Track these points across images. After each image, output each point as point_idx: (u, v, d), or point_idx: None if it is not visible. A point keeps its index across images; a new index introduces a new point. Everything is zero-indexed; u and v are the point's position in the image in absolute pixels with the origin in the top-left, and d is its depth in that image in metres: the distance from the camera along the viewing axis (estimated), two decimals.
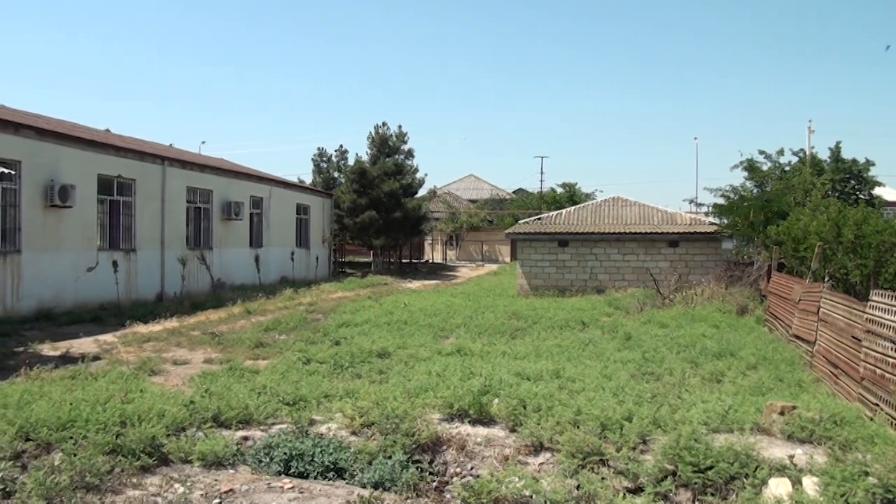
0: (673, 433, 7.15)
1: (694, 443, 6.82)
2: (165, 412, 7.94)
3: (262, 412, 8.50)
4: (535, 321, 18.15)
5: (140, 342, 16.18)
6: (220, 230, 31.17)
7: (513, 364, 11.53)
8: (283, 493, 6.47)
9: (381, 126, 48.10)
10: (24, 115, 23.69)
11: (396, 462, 7.10)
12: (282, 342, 15.86)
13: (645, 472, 6.67)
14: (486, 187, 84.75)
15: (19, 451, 6.95)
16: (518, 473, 6.65)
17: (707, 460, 6.59)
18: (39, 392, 8.99)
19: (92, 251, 23.17)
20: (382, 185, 44.41)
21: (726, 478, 6.49)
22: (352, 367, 12.22)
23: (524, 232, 30.10)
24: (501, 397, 8.63)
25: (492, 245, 68.01)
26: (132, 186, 25.39)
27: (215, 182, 31.11)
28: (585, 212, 32.17)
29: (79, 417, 7.55)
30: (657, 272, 27.10)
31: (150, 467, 6.92)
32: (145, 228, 25.89)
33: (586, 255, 29.07)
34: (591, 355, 12.99)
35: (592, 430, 7.38)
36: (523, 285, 29.33)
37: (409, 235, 48.93)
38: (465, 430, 7.99)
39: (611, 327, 16.91)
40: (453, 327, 17.37)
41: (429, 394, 9.03)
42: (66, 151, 22.09)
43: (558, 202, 66.04)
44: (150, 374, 12.28)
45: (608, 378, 10.51)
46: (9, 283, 19.69)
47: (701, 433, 7.18)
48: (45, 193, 20.95)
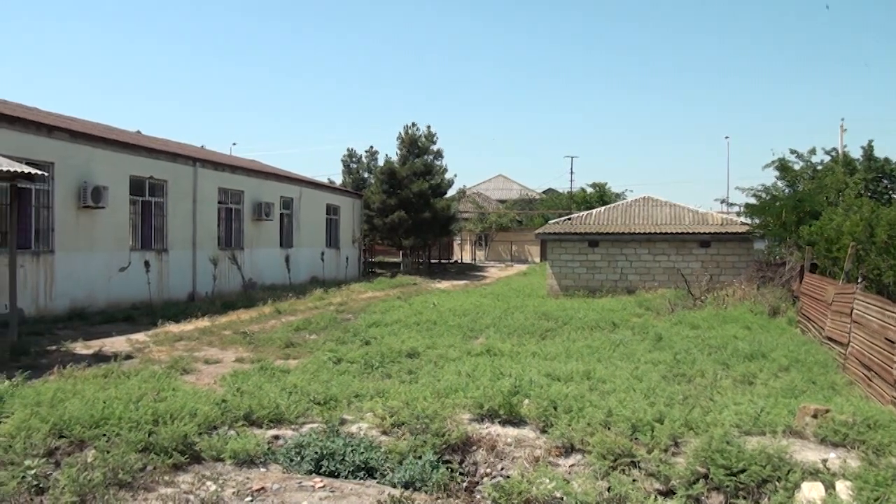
0: (705, 435, 7.08)
1: (726, 445, 6.77)
2: (197, 411, 8.00)
3: (293, 411, 8.53)
4: (565, 322, 18.10)
5: (172, 341, 16.33)
6: (251, 230, 31.37)
7: (543, 365, 11.47)
8: (314, 491, 6.50)
9: (410, 126, 48.17)
10: (56, 118, 23.97)
11: (427, 462, 7.11)
12: (312, 342, 15.95)
13: (676, 475, 6.63)
14: (516, 187, 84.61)
15: (53, 448, 7.02)
16: (549, 475, 6.63)
17: (739, 463, 6.54)
18: (73, 390, 9.07)
19: (124, 251, 23.41)
20: (412, 185, 44.48)
21: (758, 481, 6.44)
22: (382, 366, 12.25)
23: (554, 232, 30.02)
24: (532, 398, 8.60)
25: (521, 245, 67.83)
26: (164, 187, 25.63)
27: (246, 183, 31.32)
28: (616, 212, 32.01)
29: (112, 415, 7.62)
30: (688, 273, 26.94)
31: (182, 465, 6.98)
32: (177, 229, 26.12)
33: (616, 256, 28.95)
34: (621, 356, 12.93)
35: (623, 432, 7.33)
36: (553, 286, 29.26)
37: (438, 236, 48.96)
38: (495, 431, 7.97)
39: (641, 328, 16.82)
40: (483, 328, 17.36)
41: (459, 394, 9.02)
42: (98, 153, 22.33)
43: (588, 202, 65.67)
44: (182, 372, 12.41)
45: (639, 379, 10.45)
46: (42, 282, 19.94)
47: (733, 436, 7.12)
48: (77, 194, 21.20)
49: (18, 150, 18.35)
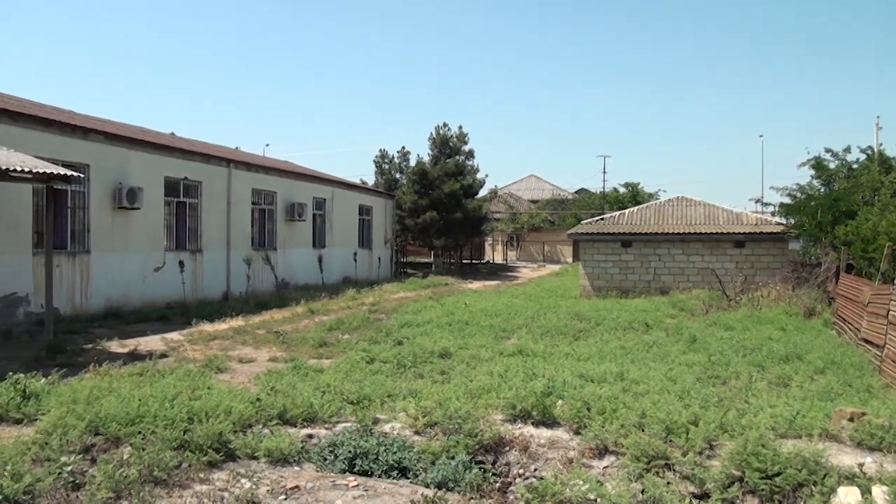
0: (740, 438, 7.01)
1: (761, 448, 6.69)
2: (232, 409, 8.05)
3: (327, 410, 8.56)
4: (598, 322, 18.02)
5: (206, 340, 16.46)
6: (284, 231, 31.55)
7: (576, 365, 11.43)
8: (347, 490, 6.51)
9: (441, 127, 48.17)
10: (92, 120, 24.26)
11: (460, 462, 7.11)
12: (345, 342, 16.00)
13: (711, 478, 6.57)
14: (548, 187, 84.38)
15: (89, 445, 7.08)
16: (582, 476, 6.60)
17: (775, 466, 6.46)
18: (108, 388, 9.16)
19: (159, 251, 23.65)
20: (443, 185, 44.49)
21: (794, 485, 6.36)
22: (414, 366, 12.25)
23: (586, 232, 29.91)
24: (565, 399, 8.57)
25: (553, 246, 67.64)
26: (198, 188, 25.86)
27: (279, 184, 31.50)
28: (649, 212, 31.81)
29: (147, 413, 7.68)
30: (722, 273, 26.73)
31: (217, 463, 7.03)
32: (211, 229, 26.35)
33: (650, 256, 28.78)
34: (655, 357, 12.86)
35: (658, 434, 7.28)
36: (586, 286, 29.14)
37: (469, 236, 48.94)
38: (528, 432, 7.95)
39: (675, 329, 16.71)
40: (515, 328, 17.33)
41: (491, 394, 9.01)
42: (133, 155, 22.56)
43: (621, 202, 65.36)
44: (217, 371, 12.51)
45: (673, 381, 10.38)
46: (78, 282, 20.19)
47: (768, 439, 7.05)
48: (113, 195, 21.44)
49: (54, 153, 18.62)
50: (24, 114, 18.82)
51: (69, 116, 22.66)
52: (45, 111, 21.54)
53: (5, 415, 8.33)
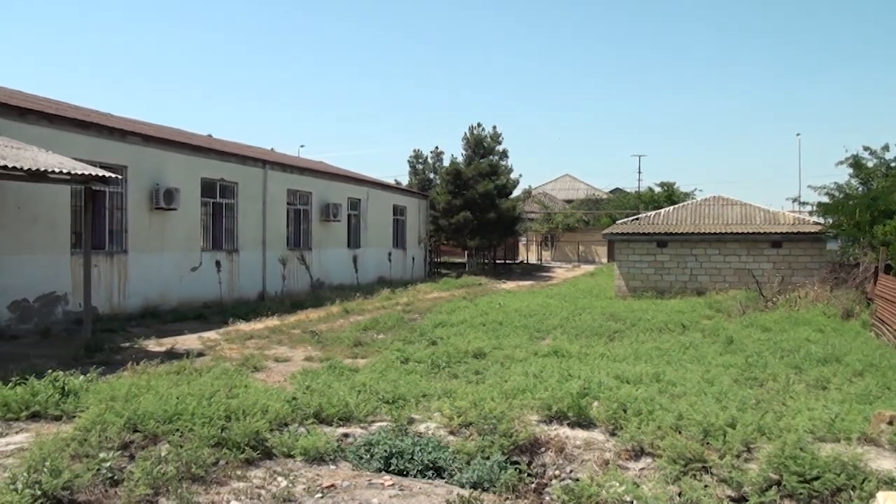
0: (778, 441, 6.93)
1: (799, 452, 6.61)
2: (269, 408, 8.09)
3: (362, 410, 8.58)
4: (634, 323, 17.90)
5: (242, 340, 16.57)
6: (318, 231, 31.72)
7: (611, 366, 11.35)
8: (383, 490, 6.52)
9: (475, 127, 48.15)
10: (129, 122, 24.58)
11: (495, 463, 7.09)
12: (380, 341, 16.04)
13: (749, 481, 6.50)
14: (582, 187, 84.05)
15: (127, 442, 7.14)
16: (618, 478, 6.56)
17: (813, 470, 6.37)
18: (146, 386, 9.23)
19: (196, 252, 23.87)
20: (477, 185, 44.46)
21: (833, 489, 6.26)
22: (448, 366, 12.25)
23: (622, 232, 29.72)
24: (601, 400, 8.52)
25: (588, 246, 67.35)
26: (234, 189, 26.06)
27: (314, 184, 31.68)
28: (685, 211, 31.55)
29: (185, 411, 7.73)
30: (759, 274, 26.46)
31: (254, 460, 7.06)
32: (247, 230, 26.55)
33: (686, 256, 28.54)
34: (691, 359, 12.74)
35: (695, 436, 7.21)
36: (621, 286, 28.97)
37: (503, 236, 48.86)
38: (563, 433, 7.91)
39: (712, 330, 16.56)
40: (550, 328, 17.27)
41: (526, 395, 8.98)
42: (170, 156, 22.80)
43: (656, 202, 64.89)
44: (253, 370, 12.58)
45: (710, 383, 10.28)
46: (116, 281, 20.42)
47: (806, 442, 6.95)
48: (150, 196, 21.67)
49: (92, 154, 18.88)
50: (62, 116, 19.09)
51: (106, 119, 22.96)
52: (82, 114, 21.84)
53: (44, 411, 8.43)
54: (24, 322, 17.32)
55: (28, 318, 17.47)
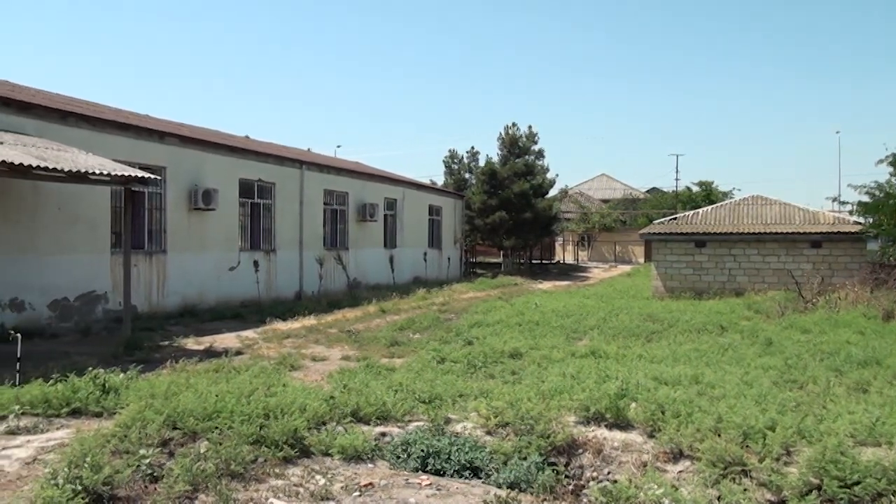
0: (818, 445, 6.84)
1: (840, 456, 6.51)
2: (307, 406, 8.13)
3: (399, 409, 8.61)
4: (672, 324, 17.75)
5: (280, 339, 16.66)
6: (355, 231, 31.87)
7: (649, 368, 11.27)
8: (421, 489, 6.54)
9: (511, 127, 48.10)
10: (168, 124, 24.87)
11: (532, 463, 7.08)
12: (416, 341, 16.06)
13: (789, 486, 6.42)
14: (619, 187, 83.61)
15: (167, 439, 7.21)
16: (657, 480, 6.52)
17: (854, 475, 6.28)
18: (185, 384, 9.30)
19: (234, 251, 24.08)
20: (513, 185, 44.40)
21: (873, 494, 6.17)
22: (485, 367, 12.23)
23: (659, 232, 29.49)
24: (639, 401, 8.47)
25: (625, 246, 66.99)
26: (272, 190, 26.27)
27: (351, 185, 31.85)
28: (723, 211, 31.23)
29: (224, 409, 7.79)
30: (799, 274, 26.11)
31: (292, 459, 7.10)
32: (285, 230, 26.74)
33: (724, 256, 28.25)
34: (730, 361, 12.60)
35: (734, 439, 7.13)
36: (658, 287, 28.76)
37: (539, 236, 48.74)
38: (601, 434, 7.88)
39: (750, 332, 16.36)
40: (586, 329, 17.18)
41: (563, 396, 8.94)
42: (208, 157, 23.04)
43: (694, 201, 64.28)
44: (291, 369, 12.64)
45: (749, 385, 10.15)
46: (155, 281, 20.66)
47: (847, 446, 6.84)
48: (188, 197, 21.91)
49: (132, 156, 19.12)
50: (102, 119, 19.38)
51: (145, 120, 23.25)
52: (121, 116, 22.13)
53: (85, 408, 8.54)
54: (64, 320, 17.56)
55: (68, 317, 17.72)
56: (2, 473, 6.57)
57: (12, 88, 19.58)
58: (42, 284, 17.11)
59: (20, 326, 14.50)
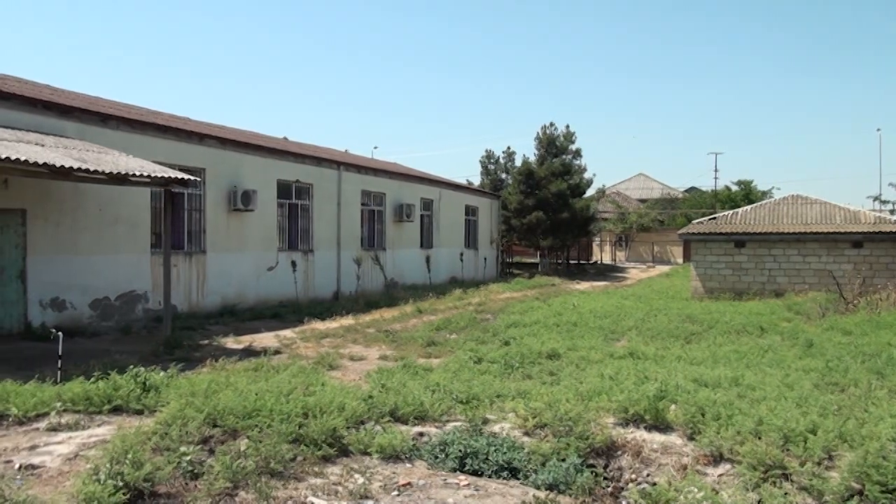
0: (860, 449, 6.75)
1: (882, 460, 6.42)
2: (345, 405, 8.16)
3: (437, 409, 8.64)
4: (711, 325, 17.62)
5: (318, 338, 16.77)
6: (392, 231, 31.97)
7: (689, 369, 11.17)
8: (459, 489, 6.55)
9: (548, 126, 48.02)
10: (207, 126, 25.11)
11: (571, 465, 7.06)
12: (453, 341, 16.07)
13: (830, 490, 6.33)
14: (657, 186, 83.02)
15: (207, 437, 7.27)
16: (697, 484, 6.46)
17: None
18: (225, 382, 9.37)
19: (272, 252, 24.25)
20: (550, 185, 44.28)
21: None
22: (522, 367, 12.21)
23: (698, 232, 29.24)
24: (678, 403, 8.41)
25: (663, 246, 66.53)
26: (310, 190, 26.44)
27: (388, 185, 31.96)
28: (763, 211, 30.89)
29: (263, 407, 7.84)
30: (840, 275, 25.79)
31: (330, 457, 7.14)
32: (322, 230, 26.89)
33: (764, 257, 27.95)
34: (770, 362, 12.46)
35: (775, 442, 7.05)
36: (697, 287, 28.52)
37: (576, 236, 48.56)
38: (640, 436, 7.84)
39: (791, 333, 16.20)
40: (625, 330, 17.10)
41: (602, 397, 8.90)
42: (247, 159, 23.24)
43: (733, 201, 63.63)
44: (329, 368, 12.71)
45: (790, 387, 10.02)
46: (195, 280, 20.87)
47: (889, 450, 6.74)
48: (228, 198, 22.12)
49: (172, 158, 19.37)
50: (142, 121, 19.64)
51: (184, 123, 23.51)
52: (162, 118, 22.40)
53: (126, 406, 8.62)
54: (105, 319, 17.82)
55: (109, 316, 17.97)
56: (44, 469, 6.66)
57: (53, 92, 19.90)
58: (83, 284, 17.37)
59: (62, 325, 14.79)
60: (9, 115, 15.96)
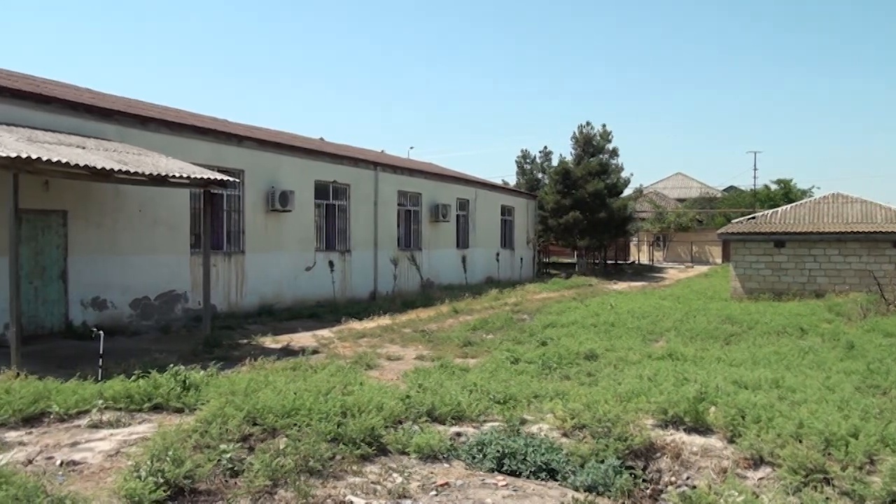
0: None
1: None
2: (383, 405, 8.20)
3: (474, 409, 8.64)
4: (751, 326, 17.42)
5: (355, 338, 16.85)
6: (428, 231, 32.05)
7: (728, 371, 11.07)
8: (497, 490, 6.55)
9: (584, 126, 47.74)
10: (245, 128, 25.36)
11: (610, 466, 7.03)
12: (489, 341, 16.07)
13: (871, 496, 6.25)
14: (695, 185, 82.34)
15: (246, 435, 7.33)
16: (737, 487, 6.40)
17: None
18: (264, 381, 9.43)
19: (310, 252, 24.42)
20: (586, 185, 44.05)
21: None
22: (559, 368, 12.18)
23: (737, 232, 28.92)
24: (718, 405, 8.34)
25: (701, 246, 65.99)
26: (347, 191, 26.60)
27: (424, 185, 32.05)
28: (803, 210, 30.51)
29: (302, 406, 7.89)
30: (881, 275, 25.37)
31: (369, 456, 7.17)
32: (359, 230, 27.05)
33: (804, 257, 27.58)
34: (811, 364, 12.31)
35: (816, 446, 6.98)
36: (737, 288, 28.23)
37: (614, 236, 48.27)
38: (679, 438, 7.79)
39: (831, 335, 15.97)
40: (663, 330, 16.97)
41: (641, 398, 8.84)
42: (284, 160, 23.45)
43: (772, 200, 63.00)
44: (366, 368, 12.77)
45: (831, 390, 9.89)
46: (233, 280, 21.07)
47: None
48: (266, 199, 22.33)
49: (211, 159, 19.60)
50: (181, 123, 19.91)
51: (224, 125, 23.74)
52: (201, 121, 22.67)
53: (167, 404, 8.74)
54: (145, 319, 18.05)
55: (149, 315, 18.20)
56: (85, 465, 6.77)
57: (93, 95, 20.22)
58: (123, 284, 17.62)
59: (102, 324, 15.00)
60: (51, 119, 16.23)
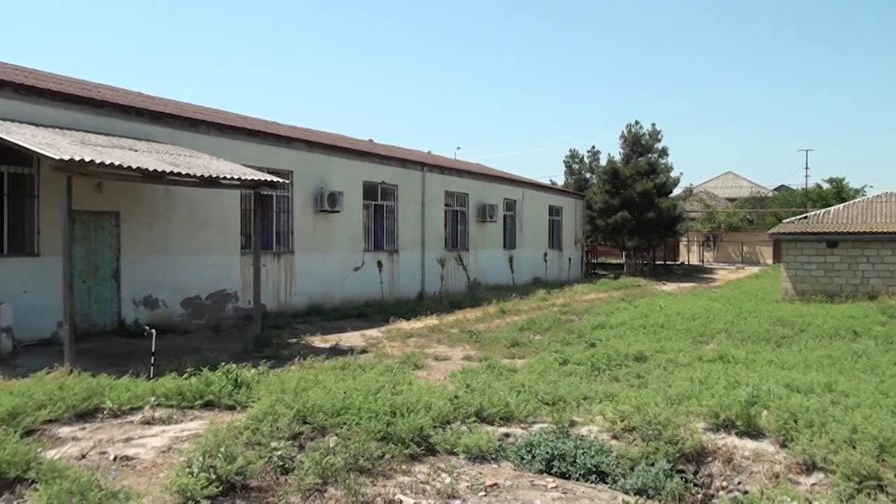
0: None
1: None
2: (432, 405, 8.23)
3: (523, 410, 8.64)
4: (803, 329, 17.17)
5: (403, 338, 16.94)
6: (475, 232, 32.05)
7: (780, 374, 10.90)
8: (546, 491, 6.53)
9: (633, 125, 47.39)
10: (294, 130, 25.67)
11: (660, 470, 6.96)
12: (537, 342, 16.05)
13: None
14: (746, 185, 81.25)
15: (297, 433, 7.39)
16: (790, 493, 6.32)
17: None
18: (314, 380, 9.53)
19: (358, 252, 24.59)
20: (635, 185, 43.70)
21: None
22: (609, 369, 12.13)
23: (788, 232, 28.46)
24: (770, 409, 8.22)
25: (752, 246, 65.11)
26: (394, 192, 26.75)
27: (470, 186, 32.07)
28: (856, 209, 29.94)
29: (352, 405, 7.95)
30: None
31: (418, 456, 7.19)
32: (407, 231, 27.19)
33: (857, 257, 27.04)
34: (864, 368, 12.10)
35: (870, 452, 6.84)
36: (788, 289, 27.80)
37: (662, 236, 47.82)
38: (731, 442, 7.69)
39: (885, 338, 15.68)
40: (714, 332, 16.80)
41: (692, 401, 8.75)
42: (333, 161, 23.65)
43: (824, 199, 61.98)
44: (414, 368, 12.85)
45: (885, 394, 9.68)
46: (283, 280, 21.29)
47: None
48: (314, 200, 22.56)
49: (260, 161, 19.85)
50: (231, 126, 20.22)
51: (273, 127, 24.03)
52: (250, 123, 22.98)
53: (218, 401, 8.87)
54: (196, 318, 18.32)
55: (200, 314, 18.47)
56: (138, 461, 6.88)
57: (145, 99, 20.62)
58: (175, 283, 17.91)
59: (154, 323, 15.31)
60: (103, 122, 16.62)
